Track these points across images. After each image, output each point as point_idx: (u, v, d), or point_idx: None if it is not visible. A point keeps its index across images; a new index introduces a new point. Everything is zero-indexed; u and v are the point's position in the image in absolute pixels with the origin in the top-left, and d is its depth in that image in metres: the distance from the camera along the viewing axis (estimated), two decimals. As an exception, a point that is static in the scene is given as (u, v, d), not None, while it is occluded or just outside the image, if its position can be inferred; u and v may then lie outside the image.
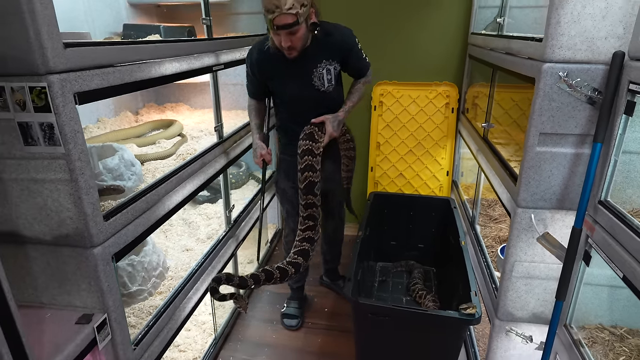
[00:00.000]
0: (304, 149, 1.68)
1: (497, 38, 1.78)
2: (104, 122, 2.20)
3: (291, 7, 1.45)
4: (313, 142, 1.67)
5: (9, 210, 1.10)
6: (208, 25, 1.74)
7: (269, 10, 1.46)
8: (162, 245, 1.97)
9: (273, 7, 1.45)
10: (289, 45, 1.56)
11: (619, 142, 1.15)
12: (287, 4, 1.44)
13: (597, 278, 1.36)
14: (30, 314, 1.17)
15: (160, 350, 1.45)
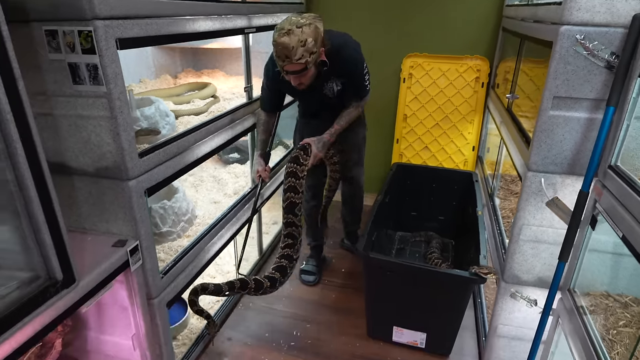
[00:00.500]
0: (288, 171, 1.78)
1: (527, 7, 1.76)
2: (145, 83, 2.37)
3: (300, 58, 1.52)
4: (297, 165, 1.78)
5: (59, 143, 1.27)
6: (242, -11, 1.83)
7: (279, 58, 1.54)
8: (192, 197, 2.13)
9: (283, 57, 1.52)
10: (297, 83, 1.65)
11: (632, 106, 1.15)
12: (297, 55, 1.51)
13: (605, 245, 1.37)
14: (74, 237, 1.34)
15: (185, 284, 1.61)
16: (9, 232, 1.01)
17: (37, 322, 1.02)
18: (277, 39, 1.50)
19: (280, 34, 1.49)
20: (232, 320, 1.98)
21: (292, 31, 1.49)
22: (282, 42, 1.49)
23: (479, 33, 2.50)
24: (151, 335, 1.48)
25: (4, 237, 1.03)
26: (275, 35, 1.51)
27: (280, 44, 1.50)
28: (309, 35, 1.51)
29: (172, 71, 2.67)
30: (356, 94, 1.87)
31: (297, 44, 1.49)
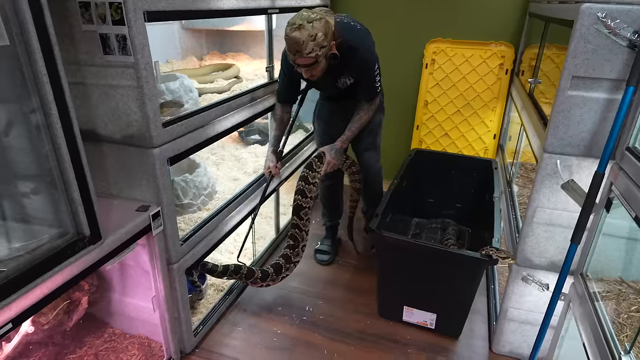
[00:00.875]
0: (301, 175, 1.90)
1: (553, -11, 1.74)
2: (172, 63, 2.45)
3: (311, 52, 1.57)
4: (310, 171, 1.89)
5: (90, 111, 1.35)
6: (266, -30, 1.87)
7: (290, 51, 1.59)
8: (213, 174, 2.20)
9: (294, 50, 1.58)
10: (309, 75, 1.70)
11: (653, 86, 1.13)
12: (307, 49, 1.56)
13: (620, 230, 1.36)
14: (102, 202, 1.42)
15: (204, 253, 1.68)
16: (43, 190, 1.10)
17: (67, 273, 1.11)
18: (289, 33, 1.56)
19: (292, 29, 1.56)
20: (248, 294, 2.06)
21: (303, 26, 1.54)
22: (294, 36, 1.55)
23: (505, 18, 2.46)
24: (170, 299, 1.56)
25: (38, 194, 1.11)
26: (287, 29, 1.57)
27: (291, 39, 1.56)
28: (319, 30, 1.56)
29: (198, 53, 2.75)
30: (365, 94, 1.89)
31: (307, 39, 1.55)
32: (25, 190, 1.11)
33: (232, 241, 2.36)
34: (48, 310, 1.50)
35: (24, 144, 1.05)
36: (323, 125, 2.16)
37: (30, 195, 1.12)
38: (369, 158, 2.18)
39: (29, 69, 0.94)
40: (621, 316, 1.26)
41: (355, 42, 1.75)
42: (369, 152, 2.16)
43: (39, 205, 1.12)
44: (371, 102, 1.92)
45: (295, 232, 1.93)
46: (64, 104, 1.01)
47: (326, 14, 1.64)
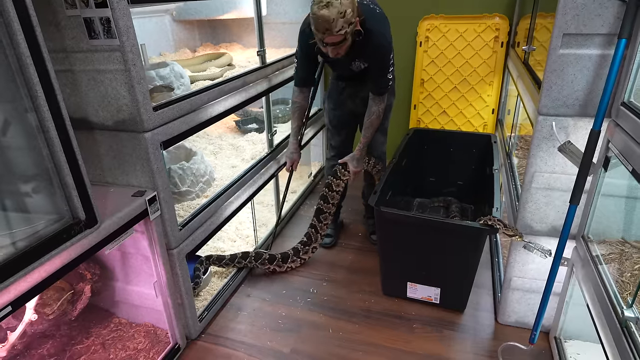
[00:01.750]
0: (326, 182, 2.11)
1: (542, -49, 1.71)
2: (165, 56, 2.45)
3: (340, 29, 1.53)
4: (334, 179, 2.08)
5: (80, 99, 1.35)
6: (251, -48, 1.86)
7: (319, 30, 1.55)
8: (212, 162, 2.21)
9: (323, 29, 1.53)
10: (335, 54, 1.66)
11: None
12: (337, 27, 1.52)
13: (620, 189, 1.34)
14: (98, 190, 1.44)
15: (203, 238, 1.69)
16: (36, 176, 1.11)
17: (64, 256, 1.12)
18: (317, 11, 1.51)
19: (320, 7, 1.50)
20: (251, 279, 2.06)
21: (331, 3, 1.50)
22: (322, 14, 1.49)
23: (498, -10, 2.43)
24: (172, 284, 1.57)
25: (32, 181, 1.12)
26: (315, 8, 1.51)
27: (320, 17, 1.50)
28: (348, 7, 1.52)
29: (191, 45, 2.75)
30: (376, 86, 1.86)
31: (337, 16, 1.50)
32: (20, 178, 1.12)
33: (234, 229, 2.37)
34: (52, 300, 1.52)
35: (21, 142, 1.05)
36: (332, 104, 2.16)
37: (25, 182, 1.12)
38: (374, 141, 2.18)
39: (12, 52, 0.94)
40: (624, 275, 1.25)
41: (373, 26, 1.71)
42: (376, 134, 2.16)
43: (34, 191, 1.13)
44: (381, 99, 1.89)
45: (311, 231, 2.12)
46: (50, 86, 1.01)
47: None
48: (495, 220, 1.55)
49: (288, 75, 2.31)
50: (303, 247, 2.10)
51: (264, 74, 2.06)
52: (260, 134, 2.58)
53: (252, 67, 2.02)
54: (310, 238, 2.11)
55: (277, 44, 2.85)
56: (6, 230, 1.05)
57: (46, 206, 1.13)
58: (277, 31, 2.84)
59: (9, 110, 1.02)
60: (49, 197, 1.12)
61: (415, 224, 1.69)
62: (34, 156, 1.06)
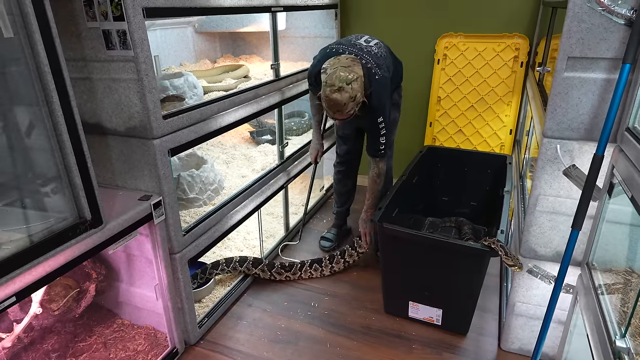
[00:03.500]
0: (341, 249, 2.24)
1: (558, -26, 1.74)
2: (185, 66, 2.59)
3: (350, 110, 1.67)
4: (350, 248, 2.22)
5: (95, 105, 1.46)
6: (270, -31, 1.96)
7: (330, 109, 1.67)
8: (222, 171, 2.30)
9: (334, 110, 1.67)
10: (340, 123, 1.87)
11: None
12: (347, 109, 1.66)
13: (627, 216, 1.33)
14: (107, 192, 1.53)
15: (207, 245, 1.76)
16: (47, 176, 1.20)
17: (68, 253, 1.20)
18: (329, 95, 1.63)
19: (332, 91, 1.63)
20: (254, 289, 2.11)
21: (343, 88, 1.62)
22: (335, 98, 1.63)
23: (519, 9, 2.45)
24: (173, 288, 1.64)
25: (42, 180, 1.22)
26: (327, 91, 1.64)
27: (332, 100, 1.64)
28: (358, 91, 1.65)
29: (211, 56, 2.88)
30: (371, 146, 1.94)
31: (348, 100, 1.64)
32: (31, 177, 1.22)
33: (242, 239, 2.43)
34: (59, 297, 1.62)
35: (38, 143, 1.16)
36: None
37: (36, 181, 1.22)
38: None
39: (32, 61, 1.05)
40: (626, 305, 1.23)
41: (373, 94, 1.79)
42: None
43: (44, 190, 1.23)
44: (377, 161, 1.97)
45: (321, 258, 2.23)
46: (65, 93, 1.11)
47: (354, 63, 1.69)
48: (497, 245, 1.54)
49: (302, 88, 2.39)
50: (310, 267, 2.18)
51: (276, 87, 2.15)
52: (273, 146, 2.66)
53: (265, 80, 2.11)
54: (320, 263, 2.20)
55: (295, 57, 2.95)
56: (15, 226, 1.14)
57: (55, 205, 1.22)
58: (295, 45, 2.94)
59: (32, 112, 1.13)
60: (57, 196, 1.21)
61: (417, 242, 1.71)
62: (45, 157, 1.16)
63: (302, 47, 2.93)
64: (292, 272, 2.15)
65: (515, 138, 2.61)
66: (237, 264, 2.07)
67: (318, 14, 2.78)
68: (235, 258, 2.09)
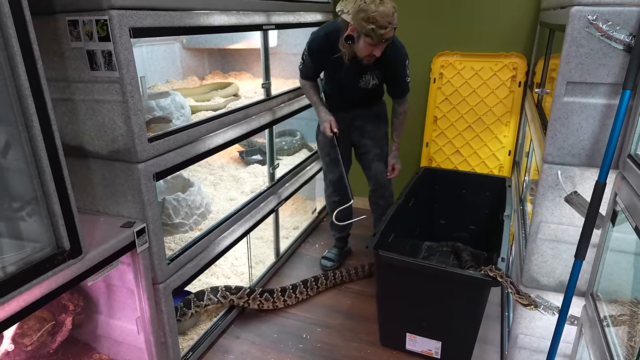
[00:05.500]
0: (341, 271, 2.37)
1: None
2: (172, 83, 2.60)
3: (395, 22, 1.76)
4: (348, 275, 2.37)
5: (77, 127, 1.45)
6: (261, -14, 2.00)
7: (382, 27, 1.71)
8: (210, 194, 2.28)
9: (386, 24, 1.71)
10: (379, 55, 1.84)
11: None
12: (395, 20, 1.75)
13: (632, 245, 1.35)
14: (88, 218, 1.52)
15: (193, 274, 1.74)
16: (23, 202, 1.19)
17: (45, 286, 1.18)
18: (377, 8, 1.69)
19: (377, 4, 1.69)
20: (241, 320, 2.09)
21: (384, 0, 1.71)
22: (384, 10, 1.69)
23: (516, 28, 2.51)
24: (156, 321, 1.61)
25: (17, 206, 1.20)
26: (372, 6, 1.69)
27: (382, 13, 1.69)
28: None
29: (200, 72, 2.90)
30: (400, 90, 2.13)
31: (393, 10, 1.73)
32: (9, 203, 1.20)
33: (230, 265, 2.41)
34: (32, 331, 1.58)
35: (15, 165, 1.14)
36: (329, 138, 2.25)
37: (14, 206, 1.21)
38: (377, 169, 2.27)
39: (12, 83, 1.04)
40: (634, 339, 1.24)
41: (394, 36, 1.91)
42: (378, 162, 2.26)
43: (19, 216, 1.21)
44: (404, 99, 2.17)
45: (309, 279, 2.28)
46: (46, 117, 1.10)
47: None
48: (507, 282, 1.51)
49: (294, 108, 2.42)
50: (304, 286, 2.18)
51: (267, 107, 2.16)
52: (263, 166, 2.66)
53: (255, 99, 2.13)
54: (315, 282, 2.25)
55: (286, 75, 2.98)
56: (-11, 257, 1.12)
57: (31, 233, 1.20)
58: (287, 62, 2.98)
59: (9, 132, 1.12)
60: (34, 224, 1.20)
61: (415, 271, 1.71)
62: (21, 181, 1.14)
63: (294, 64, 2.96)
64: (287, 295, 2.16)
65: (514, 159, 2.65)
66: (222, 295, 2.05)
67: (310, 31, 2.82)
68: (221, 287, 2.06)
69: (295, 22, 2.33)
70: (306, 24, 2.48)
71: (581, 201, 1.37)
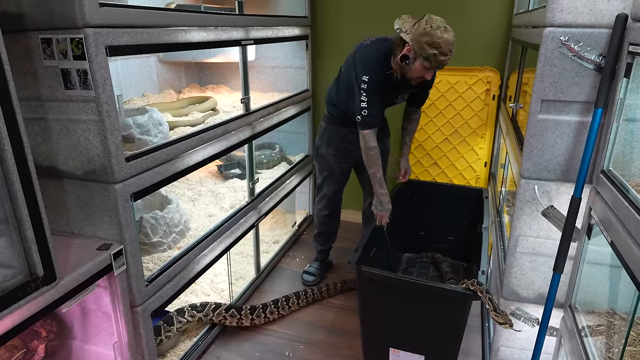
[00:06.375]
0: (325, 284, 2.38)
1: (527, 13, 1.85)
2: (148, 97, 2.55)
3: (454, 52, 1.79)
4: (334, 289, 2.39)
5: (50, 147, 1.41)
6: (239, 2, 1.99)
7: (443, 53, 1.74)
8: (188, 210, 2.24)
9: (447, 51, 1.75)
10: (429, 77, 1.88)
11: (620, 108, 1.20)
12: (454, 50, 1.77)
13: (606, 257, 1.39)
14: (62, 241, 1.46)
15: (172, 294, 1.70)
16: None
17: (17, 316, 1.13)
18: (442, 35, 1.71)
19: (442, 31, 1.72)
20: (222, 339, 2.04)
21: (448, 28, 1.74)
22: (448, 38, 1.72)
23: (489, 44, 2.58)
24: (134, 345, 1.56)
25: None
26: (438, 32, 1.71)
27: (446, 40, 1.72)
28: None
29: (176, 86, 2.86)
30: (422, 101, 2.22)
31: (454, 39, 1.75)
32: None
33: (209, 282, 2.36)
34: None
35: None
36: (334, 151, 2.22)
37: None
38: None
39: (-18, 105, 1.00)
40: (612, 350, 1.27)
41: None
42: None
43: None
44: (420, 109, 2.27)
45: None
46: (18, 139, 1.06)
47: None
48: (486, 298, 1.52)
49: (273, 122, 2.41)
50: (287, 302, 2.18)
51: (247, 122, 2.15)
52: (242, 181, 2.64)
53: (235, 114, 2.11)
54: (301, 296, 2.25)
55: (265, 88, 2.98)
56: (-44, 287, 1.06)
57: (2, 260, 1.15)
58: (265, 75, 2.98)
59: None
60: (6, 250, 1.15)
61: (397, 286, 1.71)
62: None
63: (272, 77, 2.96)
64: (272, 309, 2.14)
65: (490, 171, 2.70)
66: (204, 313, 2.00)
67: (289, 45, 2.83)
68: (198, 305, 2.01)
69: (274, 37, 2.34)
70: (284, 38, 2.49)
71: (557, 215, 1.40)
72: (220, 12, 1.92)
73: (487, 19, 2.55)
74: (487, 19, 2.55)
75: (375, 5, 2.73)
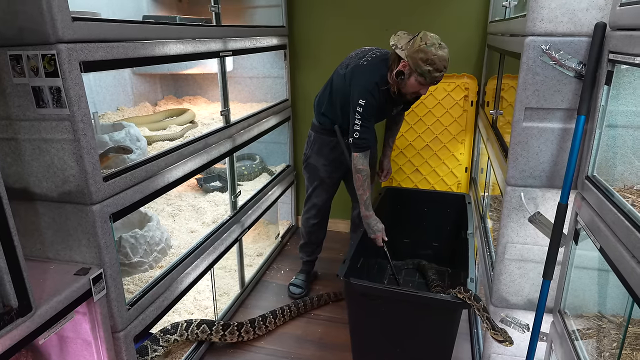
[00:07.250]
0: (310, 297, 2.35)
1: (504, 22, 1.87)
2: (123, 111, 2.47)
3: (447, 69, 1.82)
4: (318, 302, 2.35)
5: (22, 168, 1.33)
6: (217, 13, 1.95)
7: (438, 70, 1.76)
8: (169, 226, 2.18)
9: (442, 68, 1.77)
10: (424, 93, 1.91)
11: (602, 114, 1.22)
12: (448, 66, 1.80)
13: (594, 262, 1.40)
14: (36, 267, 1.38)
15: (155, 317, 1.63)
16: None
17: (-11, 352, 1.05)
18: (437, 52, 1.72)
19: (437, 48, 1.73)
20: (211, 356, 1.98)
21: (442, 45, 1.76)
22: (442, 55, 1.74)
23: (466, 51, 2.62)
24: (117, 372, 1.49)
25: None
26: (433, 49, 1.72)
27: (440, 57, 1.73)
28: None
29: (152, 98, 2.79)
30: (409, 106, 2.26)
31: (448, 56, 1.77)
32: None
33: (192, 300, 2.29)
34: (-27, 397, 1.41)
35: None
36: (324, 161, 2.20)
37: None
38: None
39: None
40: (603, 354, 1.28)
41: None
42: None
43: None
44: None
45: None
46: (-13, 164, 1.00)
47: None
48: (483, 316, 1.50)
49: (253, 134, 2.37)
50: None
51: (227, 134, 2.10)
52: (223, 194, 2.58)
53: (215, 127, 2.06)
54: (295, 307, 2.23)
55: (243, 98, 2.94)
56: None
57: (-27, 292, 1.08)
58: (244, 85, 2.94)
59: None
60: (-24, 282, 1.07)
61: (386, 297, 1.69)
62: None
63: (251, 88, 2.92)
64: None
65: (470, 176, 2.73)
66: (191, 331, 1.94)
67: (267, 54, 2.80)
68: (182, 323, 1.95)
69: (252, 47, 2.30)
70: (263, 48, 2.45)
71: (544, 221, 1.41)
72: (197, 23, 1.87)
73: (462, 27, 2.58)
74: (462, 27, 2.58)
75: (352, 14, 2.74)
